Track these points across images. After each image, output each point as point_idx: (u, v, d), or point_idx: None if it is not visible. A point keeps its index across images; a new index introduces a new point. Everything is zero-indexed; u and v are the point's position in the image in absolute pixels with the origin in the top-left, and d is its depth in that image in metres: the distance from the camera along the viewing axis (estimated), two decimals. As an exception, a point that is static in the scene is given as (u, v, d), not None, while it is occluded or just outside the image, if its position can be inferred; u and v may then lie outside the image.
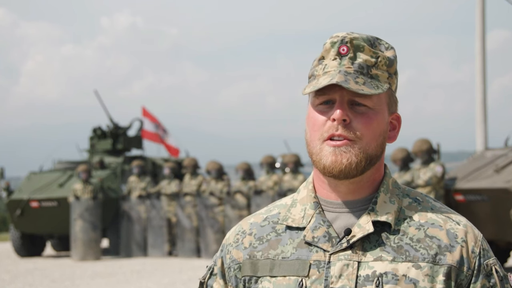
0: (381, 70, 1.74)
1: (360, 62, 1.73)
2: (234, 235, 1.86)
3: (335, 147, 1.71)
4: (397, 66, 1.80)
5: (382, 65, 1.74)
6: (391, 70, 1.76)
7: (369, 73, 1.73)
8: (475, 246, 1.73)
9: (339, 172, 1.71)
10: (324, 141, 1.72)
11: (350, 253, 1.71)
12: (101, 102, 19.51)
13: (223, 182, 15.51)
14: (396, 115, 1.81)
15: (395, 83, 1.78)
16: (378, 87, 1.71)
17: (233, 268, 1.82)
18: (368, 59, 1.73)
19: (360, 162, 1.71)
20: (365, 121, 1.71)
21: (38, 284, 12.33)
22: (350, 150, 1.71)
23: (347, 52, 1.73)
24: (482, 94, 16.40)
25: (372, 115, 1.72)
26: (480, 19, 16.46)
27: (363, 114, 1.72)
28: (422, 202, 1.79)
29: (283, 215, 1.82)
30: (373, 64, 1.73)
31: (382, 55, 1.75)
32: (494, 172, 11.11)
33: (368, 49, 1.74)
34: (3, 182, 17.36)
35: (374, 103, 1.72)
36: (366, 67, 1.72)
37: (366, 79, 1.71)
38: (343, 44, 1.73)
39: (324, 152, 1.72)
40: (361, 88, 1.68)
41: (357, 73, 1.71)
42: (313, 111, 1.75)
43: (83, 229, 15.78)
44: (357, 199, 1.77)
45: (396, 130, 1.81)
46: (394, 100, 1.80)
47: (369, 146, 1.72)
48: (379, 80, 1.73)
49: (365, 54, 1.73)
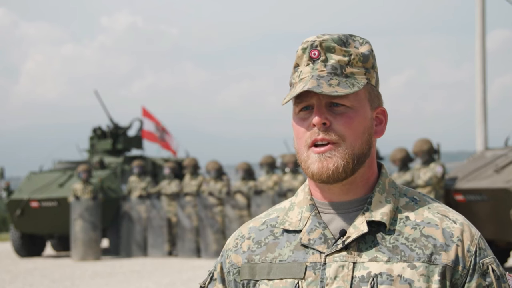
0: (356, 67, 1.74)
1: (332, 64, 1.73)
2: (233, 240, 1.87)
3: (320, 154, 1.71)
4: (375, 60, 1.79)
5: (356, 62, 1.74)
6: (367, 65, 1.76)
7: (344, 72, 1.73)
8: (471, 245, 1.72)
9: (327, 178, 1.72)
10: (309, 147, 1.73)
11: (346, 254, 1.71)
12: (101, 102, 19.53)
13: (222, 182, 15.52)
14: (381, 109, 1.80)
15: (374, 78, 1.78)
16: (353, 85, 1.71)
17: (232, 272, 1.83)
18: (340, 59, 1.73)
19: (347, 164, 1.71)
20: (345, 121, 1.72)
21: (38, 284, 12.33)
22: (335, 154, 1.71)
23: (318, 55, 1.73)
24: (482, 94, 16.39)
25: (352, 114, 1.72)
26: (480, 19, 16.45)
27: (342, 114, 1.72)
28: (419, 202, 1.79)
29: (281, 219, 1.82)
30: (347, 62, 1.73)
31: (355, 52, 1.75)
32: (494, 172, 11.10)
33: (339, 48, 1.74)
34: (3, 182, 17.37)
35: (352, 102, 1.72)
36: (339, 67, 1.73)
37: (340, 79, 1.71)
38: (313, 49, 1.74)
39: (310, 160, 1.73)
40: (335, 89, 1.69)
41: (331, 75, 1.72)
42: (295, 120, 1.76)
43: (83, 229, 15.78)
44: (352, 200, 1.77)
45: (383, 124, 1.81)
46: (376, 95, 1.79)
47: (354, 146, 1.72)
48: (355, 77, 1.73)
49: (337, 55, 1.73)
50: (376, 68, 1.79)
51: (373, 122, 1.78)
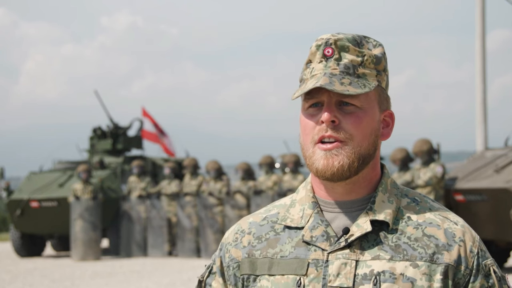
0: (369, 68, 1.75)
1: (345, 63, 1.73)
2: (233, 234, 1.87)
3: (326, 151, 1.72)
4: (387, 63, 1.80)
5: (369, 64, 1.75)
6: (379, 68, 1.77)
7: (356, 72, 1.73)
8: (473, 246, 1.74)
9: (331, 175, 1.72)
10: (315, 144, 1.74)
11: (348, 252, 1.72)
12: (101, 102, 19.53)
13: (222, 182, 15.52)
14: (388, 112, 1.81)
15: (385, 80, 1.79)
16: (365, 86, 1.72)
17: (232, 266, 1.83)
18: (354, 58, 1.74)
19: (353, 163, 1.72)
20: (354, 120, 1.72)
21: (38, 284, 12.32)
22: (341, 152, 1.71)
23: (332, 53, 1.74)
24: (482, 94, 16.39)
25: (361, 114, 1.73)
26: (480, 19, 16.45)
27: (352, 114, 1.72)
28: (420, 202, 1.80)
29: (282, 215, 1.83)
30: (360, 63, 1.74)
31: (368, 53, 1.75)
32: (494, 172, 11.10)
33: (353, 48, 1.74)
34: (3, 182, 17.37)
35: (362, 102, 1.73)
36: (352, 67, 1.73)
37: (352, 79, 1.72)
38: (327, 46, 1.74)
39: (316, 156, 1.73)
40: (347, 88, 1.69)
41: (343, 74, 1.72)
42: (304, 115, 1.77)
43: (83, 229, 15.78)
44: (355, 199, 1.78)
45: (390, 127, 1.82)
46: (385, 97, 1.80)
47: (361, 146, 1.73)
48: (367, 78, 1.74)
49: (351, 54, 1.74)
50: (387, 71, 1.80)
51: (380, 125, 1.78)
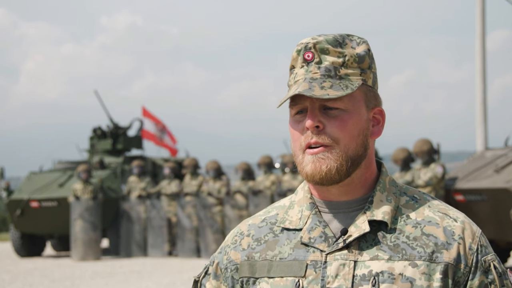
0: (351, 68, 1.73)
1: (326, 65, 1.72)
2: (232, 236, 1.87)
3: (313, 155, 1.71)
4: (372, 60, 1.78)
5: (351, 63, 1.73)
6: (363, 66, 1.75)
7: (338, 74, 1.72)
8: (472, 242, 1.73)
9: (320, 179, 1.72)
10: (304, 150, 1.73)
11: (347, 252, 1.71)
12: (101, 102, 19.53)
13: (222, 182, 15.52)
14: (378, 109, 1.79)
15: (371, 78, 1.76)
16: (347, 87, 1.70)
17: (230, 269, 1.83)
18: (334, 60, 1.72)
19: (341, 166, 1.71)
20: (339, 124, 1.71)
21: (38, 284, 12.32)
22: (328, 156, 1.71)
23: (312, 57, 1.73)
24: (482, 94, 16.39)
25: (346, 116, 1.71)
26: (480, 19, 16.45)
27: (336, 117, 1.71)
28: (420, 200, 1.78)
29: (281, 217, 1.82)
30: (341, 64, 1.72)
31: (350, 52, 1.73)
32: (494, 172, 11.10)
33: (333, 50, 1.73)
34: (3, 182, 17.36)
35: (346, 104, 1.72)
36: (333, 69, 1.72)
37: (334, 82, 1.70)
38: (307, 51, 1.73)
39: (305, 161, 1.73)
40: (327, 92, 1.68)
41: (324, 77, 1.71)
42: (291, 122, 1.76)
43: (83, 229, 15.78)
44: (352, 199, 1.77)
45: (380, 124, 1.80)
46: (373, 95, 1.77)
47: (348, 148, 1.71)
48: (350, 79, 1.72)
49: (331, 56, 1.72)
50: (374, 68, 1.78)
51: (369, 123, 1.77)
